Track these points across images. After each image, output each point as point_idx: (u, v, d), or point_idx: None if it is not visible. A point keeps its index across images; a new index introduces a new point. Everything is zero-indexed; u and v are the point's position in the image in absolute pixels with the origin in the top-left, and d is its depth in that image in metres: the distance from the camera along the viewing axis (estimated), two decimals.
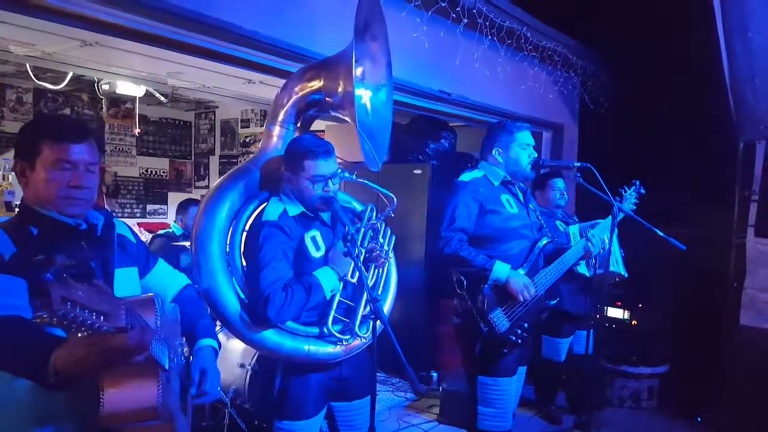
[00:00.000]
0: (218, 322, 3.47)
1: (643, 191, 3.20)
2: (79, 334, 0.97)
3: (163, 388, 1.25)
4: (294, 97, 2.20)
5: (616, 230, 3.41)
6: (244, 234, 2.06)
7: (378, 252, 2.08)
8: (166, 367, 1.30)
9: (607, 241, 2.88)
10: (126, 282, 1.51)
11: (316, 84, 2.17)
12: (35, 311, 1.03)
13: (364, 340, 2.06)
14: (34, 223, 1.38)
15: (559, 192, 3.65)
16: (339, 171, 2.07)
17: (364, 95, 2.25)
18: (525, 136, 2.63)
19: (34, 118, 2.40)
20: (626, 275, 3.51)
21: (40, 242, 1.34)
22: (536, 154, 2.67)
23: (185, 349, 1.65)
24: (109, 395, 1.17)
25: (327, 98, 2.16)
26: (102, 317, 1.00)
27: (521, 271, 2.52)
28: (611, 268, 3.21)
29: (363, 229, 2.11)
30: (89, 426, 1.26)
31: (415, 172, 4.57)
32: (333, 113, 2.22)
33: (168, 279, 1.73)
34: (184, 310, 1.67)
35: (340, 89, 2.10)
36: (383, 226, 2.20)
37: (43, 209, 1.38)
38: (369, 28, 2.19)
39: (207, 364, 1.61)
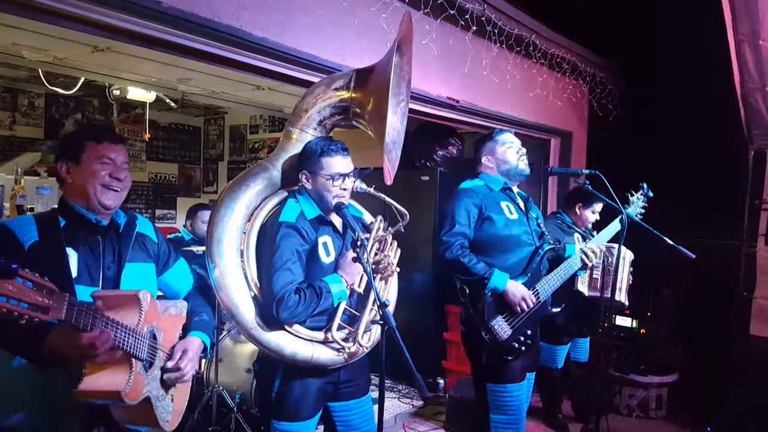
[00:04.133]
0: (224, 326, 3.52)
1: (651, 194, 3.18)
2: (21, 322, 1.17)
3: (138, 376, 1.48)
4: (319, 103, 2.21)
5: (629, 253, 3.38)
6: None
7: (385, 264, 2.11)
8: (142, 357, 1.50)
9: (610, 253, 2.86)
10: (138, 275, 1.68)
11: (344, 94, 2.19)
12: None
13: (365, 349, 2.09)
14: (64, 215, 1.60)
15: (595, 218, 3.61)
16: (355, 174, 2.09)
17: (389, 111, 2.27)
18: (507, 137, 2.72)
19: (78, 128, 2.73)
20: (626, 303, 3.46)
21: (66, 232, 1.57)
22: (525, 151, 2.72)
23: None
24: (88, 377, 1.41)
25: (355, 109, 2.17)
26: (40, 310, 1.19)
27: (521, 280, 2.52)
28: (616, 297, 3.06)
29: (371, 241, 2.14)
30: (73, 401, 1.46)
31: (422, 178, 4.58)
32: (355, 123, 2.23)
33: (185, 277, 1.91)
34: (188, 306, 1.85)
35: (370, 104, 2.11)
36: (391, 239, 2.22)
37: (75, 204, 1.60)
38: (401, 47, 2.21)
39: (188, 346, 1.72)
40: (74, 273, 1.53)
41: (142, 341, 1.50)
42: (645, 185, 3.18)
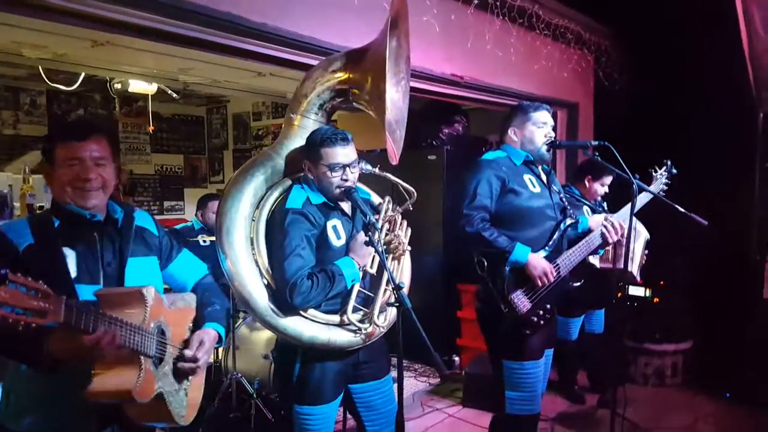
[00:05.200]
0: (240, 314, 3.55)
1: (674, 171, 3.12)
2: (20, 328, 1.14)
3: (149, 373, 1.47)
4: (318, 88, 2.18)
5: (644, 231, 3.33)
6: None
7: (396, 244, 2.11)
8: (151, 354, 1.48)
9: (625, 227, 2.81)
10: (141, 269, 1.63)
11: (342, 76, 2.15)
12: None
13: (382, 329, 2.10)
14: (57, 215, 1.56)
15: (604, 190, 3.58)
16: (359, 161, 2.07)
17: (387, 89, 2.24)
18: (541, 116, 2.59)
19: (51, 127, 2.65)
20: (638, 277, 3.40)
21: (60, 232, 1.53)
22: (554, 134, 2.63)
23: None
24: (97, 378, 1.40)
25: (353, 90, 2.14)
26: (36, 315, 1.17)
27: (543, 253, 2.49)
28: (628, 268, 3.00)
29: (381, 222, 2.14)
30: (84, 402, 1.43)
31: (429, 158, 4.55)
32: (356, 105, 2.20)
33: (191, 268, 1.85)
34: (198, 298, 1.80)
35: (368, 83, 2.08)
36: (400, 218, 2.21)
37: (65, 203, 1.54)
38: (397, 23, 2.17)
39: (204, 337, 1.69)
40: (73, 273, 1.49)
41: (150, 338, 1.48)
42: (669, 162, 3.11)
